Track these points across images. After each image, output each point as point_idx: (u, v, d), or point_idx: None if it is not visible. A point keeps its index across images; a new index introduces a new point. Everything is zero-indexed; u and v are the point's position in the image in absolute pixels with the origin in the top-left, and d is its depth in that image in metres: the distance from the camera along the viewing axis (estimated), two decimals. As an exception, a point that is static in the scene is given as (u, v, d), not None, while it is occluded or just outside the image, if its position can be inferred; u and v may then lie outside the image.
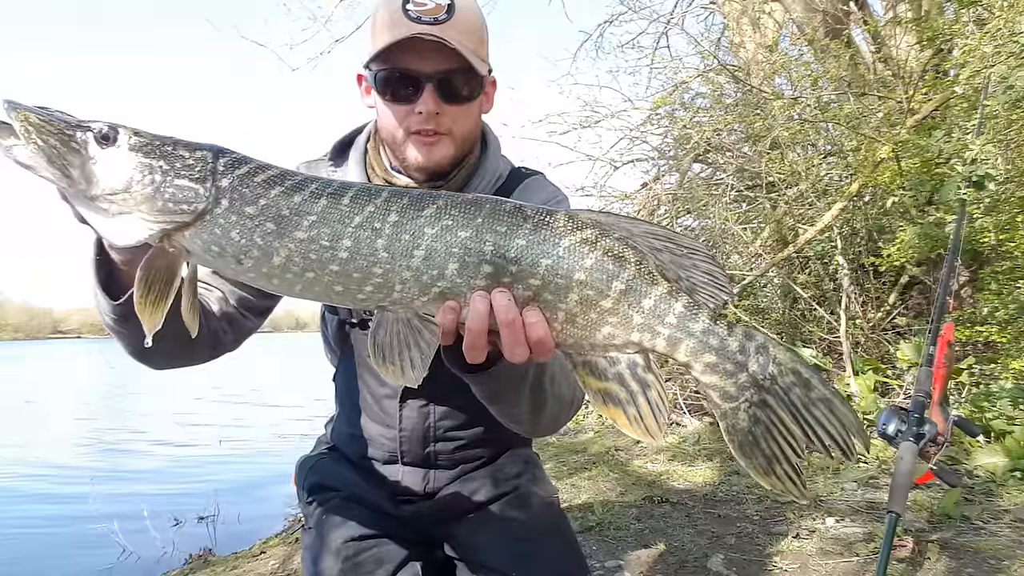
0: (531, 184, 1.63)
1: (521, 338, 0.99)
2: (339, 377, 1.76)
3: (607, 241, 1.00)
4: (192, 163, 0.98)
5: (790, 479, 1.01)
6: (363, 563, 1.48)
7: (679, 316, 1.00)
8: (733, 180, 6.53)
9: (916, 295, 5.91)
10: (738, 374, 1.00)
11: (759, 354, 1.00)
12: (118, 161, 0.96)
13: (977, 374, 4.75)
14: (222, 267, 1.03)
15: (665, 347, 1.01)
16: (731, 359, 1.00)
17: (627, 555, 3.01)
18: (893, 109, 5.38)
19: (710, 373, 1.01)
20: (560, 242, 0.99)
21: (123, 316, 1.21)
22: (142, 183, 0.96)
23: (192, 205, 0.97)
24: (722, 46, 7.94)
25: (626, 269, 1.00)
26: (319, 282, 1.01)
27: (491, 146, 1.61)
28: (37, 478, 7.18)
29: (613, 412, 1.01)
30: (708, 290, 1.02)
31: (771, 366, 1.00)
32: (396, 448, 1.62)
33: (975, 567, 2.64)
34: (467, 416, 1.62)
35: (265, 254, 0.99)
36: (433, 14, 1.35)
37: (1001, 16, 4.06)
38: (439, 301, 1.01)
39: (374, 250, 0.99)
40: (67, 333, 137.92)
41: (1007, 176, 4.21)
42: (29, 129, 0.93)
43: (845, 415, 0.99)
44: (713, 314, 1.01)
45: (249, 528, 4.89)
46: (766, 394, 1.00)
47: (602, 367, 1.02)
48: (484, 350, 1.03)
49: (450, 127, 1.43)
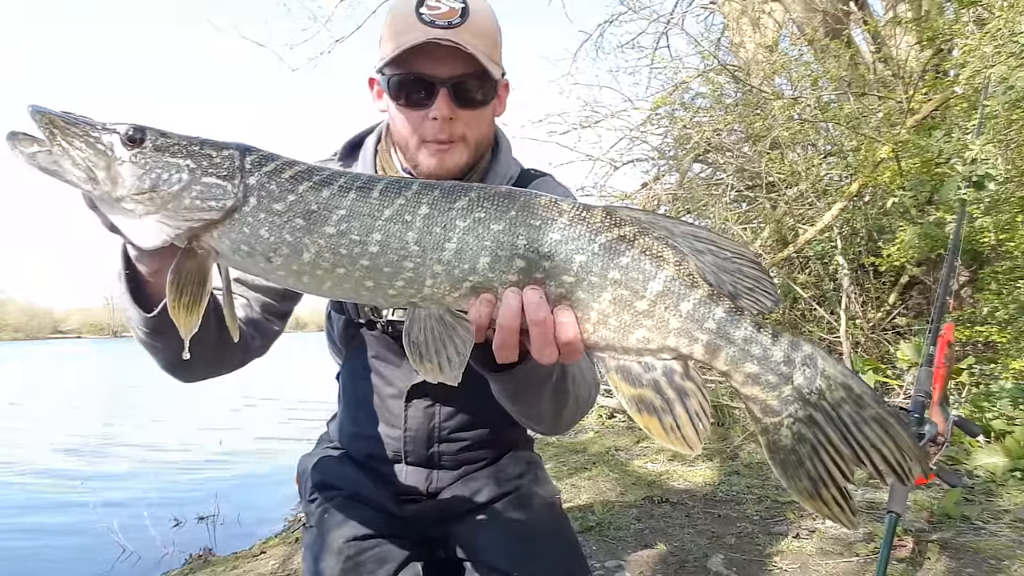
0: (540, 185, 1.63)
1: (551, 338, 0.97)
2: (343, 376, 1.76)
3: (646, 239, 0.96)
4: (219, 161, 0.97)
5: (837, 504, 0.93)
6: (364, 563, 1.47)
7: (719, 322, 0.94)
8: (733, 180, 6.53)
9: (916, 295, 5.92)
10: (782, 387, 0.94)
11: (806, 366, 0.94)
12: (145, 161, 0.95)
13: (977, 374, 4.75)
14: (251, 266, 1.01)
15: (703, 354, 0.95)
16: (774, 370, 0.94)
17: (627, 555, 3.01)
18: (893, 109, 5.38)
19: (751, 384, 0.95)
20: (596, 238, 0.95)
21: (156, 329, 1.20)
22: (169, 182, 0.95)
23: (220, 202, 0.96)
24: (722, 46, 7.95)
25: (664, 269, 0.95)
26: (349, 278, 0.99)
27: (503, 148, 1.61)
28: (37, 478, 7.18)
29: (648, 421, 0.96)
30: (752, 296, 0.97)
31: (819, 380, 0.93)
32: (400, 448, 1.62)
33: (975, 567, 2.64)
34: (472, 417, 1.63)
35: (295, 251, 0.97)
36: (447, 18, 1.33)
37: (1001, 16, 4.06)
38: (470, 296, 0.98)
39: (405, 243, 0.96)
40: (67, 333, 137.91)
41: (1007, 176, 4.21)
42: (54, 132, 0.93)
43: (901, 436, 0.91)
44: (757, 321, 0.95)
45: (249, 528, 4.89)
46: (813, 410, 0.93)
47: (636, 372, 0.97)
48: (515, 349, 1.00)
49: (464, 132, 1.42)
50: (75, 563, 4.50)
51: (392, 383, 1.61)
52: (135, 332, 1.26)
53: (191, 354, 1.02)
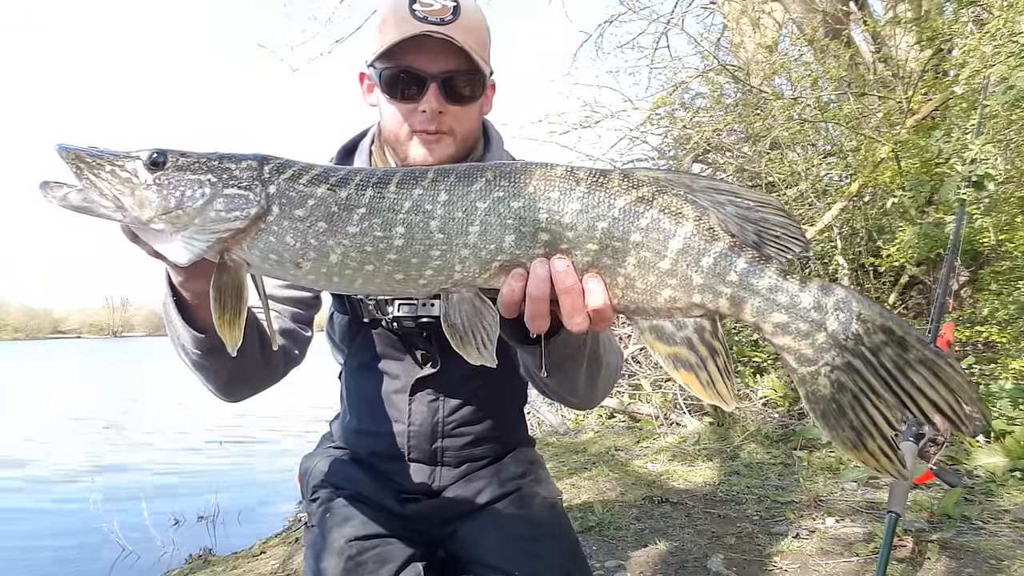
0: None
1: (580, 304, 0.98)
2: (346, 375, 1.76)
3: (664, 198, 0.95)
4: (238, 173, 1.01)
5: (884, 454, 0.89)
6: (366, 562, 1.48)
7: (741, 273, 0.92)
8: (733, 180, 6.53)
9: (916, 295, 5.91)
10: (814, 334, 0.91)
11: (839, 311, 0.90)
12: (168, 181, 0.98)
13: (977, 374, 4.75)
14: (282, 274, 1.03)
15: (729, 308, 0.94)
16: (804, 318, 0.91)
17: (627, 555, 3.01)
18: (893, 109, 5.38)
19: (781, 334, 0.92)
20: (615, 203, 0.95)
21: (208, 350, 1.25)
22: (193, 198, 0.98)
23: (244, 211, 0.99)
24: (722, 46, 7.95)
25: (683, 226, 0.94)
26: (379, 273, 1.00)
27: (494, 141, 1.62)
28: (36, 478, 7.18)
29: (686, 376, 0.96)
30: (779, 243, 0.94)
31: (855, 324, 0.89)
32: (404, 443, 1.63)
33: (975, 567, 2.64)
34: (476, 411, 1.64)
35: (321, 254, 0.99)
36: (440, 15, 1.37)
37: (1000, 16, 4.06)
38: (501, 275, 0.99)
39: (429, 233, 0.97)
40: (67, 333, 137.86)
41: (1007, 176, 4.22)
42: (81, 167, 0.97)
43: (953, 378, 0.85)
44: (782, 269, 0.93)
45: (249, 528, 4.89)
46: (851, 356, 0.90)
47: (669, 331, 0.97)
48: (547, 318, 1.01)
49: (452, 126, 1.45)
50: (75, 563, 4.51)
51: (396, 378, 1.62)
52: (187, 357, 1.31)
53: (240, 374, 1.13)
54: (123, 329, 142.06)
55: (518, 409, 1.84)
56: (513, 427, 1.79)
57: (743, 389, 5.59)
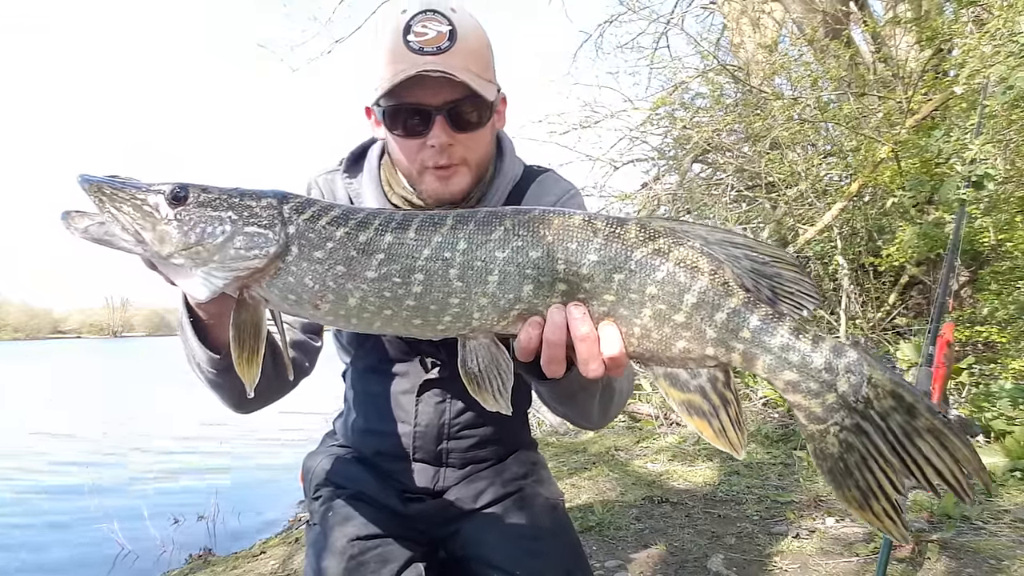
0: (545, 180, 1.64)
1: (596, 352, 0.99)
2: (352, 374, 1.77)
3: (680, 250, 0.97)
4: (259, 211, 1.01)
5: (889, 517, 0.91)
6: (367, 562, 1.48)
7: (754, 330, 0.94)
8: (733, 180, 6.54)
9: (916, 295, 5.92)
10: (825, 394, 0.92)
11: (851, 373, 0.91)
12: (189, 218, 0.99)
13: (977, 374, 4.75)
14: (301, 313, 1.04)
15: (742, 363, 0.96)
16: (815, 378, 0.92)
17: (627, 555, 3.01)
18: (893, 109, 5.39)
19: (792, 392, 0.94)
20: (632, 255, 0.97)
21: (223, 369, 1.26)
22: (213, 235, 0.99)
23: (263, 250, 0.99)
24: (722, 46, 7.95)
25: (698, 280, 0.96)
26: (397, 318, 1.01)
27: (506, 150, 1.62)
28: (37, 478, 7.18)
29: (700, 423, 0.98)
30: (793, 299, 0.96)
31: (865, 387, 0.91)
32: (409, 444, 1.63)
33: (975, 567, 2.64)
34: (481, 414, 1.64)
35: (340, 297, 1.00)
36: (435, 43, 1.32)
37: (1000, 16, 4.06)
38: (519, 322, 1.01)
39: (448, 280, 0.99)
40: (67, 333, 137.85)
41: (1006, 176, 4.22)
42: (103, 200, 0.97)
43: (959, 449, 0.87)
44: (796, 327, 0.94)
45: (249, 528, 4.90)
46: (860, 418, 0.92)
47: (683, 379, 0.99)
48: (563, 363, 1.03)
49: (464, 155, 1.42)
50: (75, 562, 4.51)
51: (404, 379, 1.63)
52: (202, 374, 1.32)
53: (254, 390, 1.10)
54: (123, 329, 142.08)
55: (522, 412, 1.84)
56: (517, 430, 1.79)
57: (743, 389, 5.59)
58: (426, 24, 1.32)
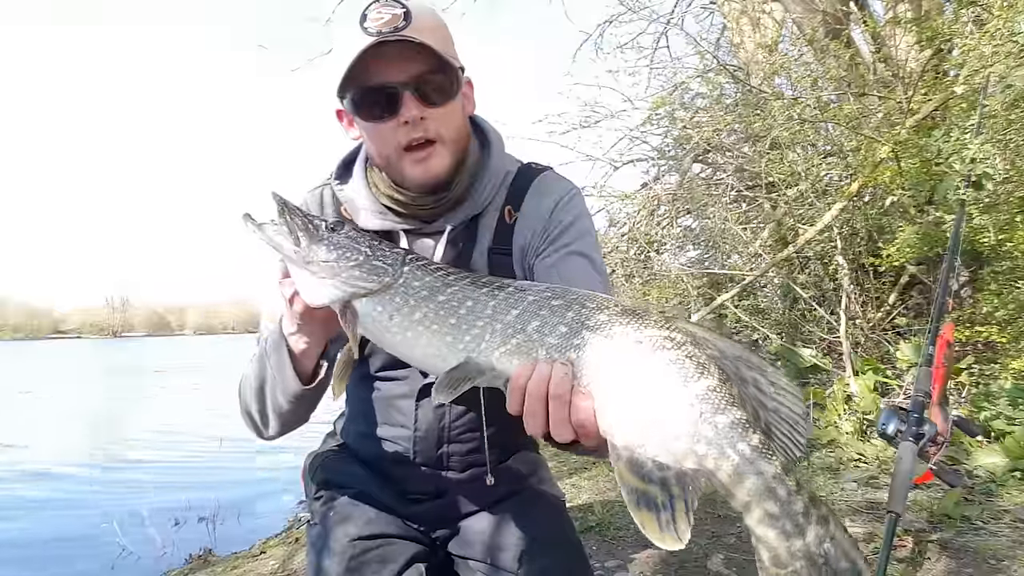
0: (545, 179, 1.62)
1: (566, 416, 1.01)
2: (352, 377, 1.76)
3: (694, 349, 0.98)
4: (387, 254, 1.25)
5: None
6: (368, 562, 1.48)
7: (754, 448, 0.93)
8: (733, 180, 6.54)
9: (916, 295, 5.91)
10: (794, 539, 0.92)
11: (820, 525, 0.93)
12: (339, 241, 1.24)
13: (977, 374, 4.75)
14: (372, 324, 1.22)
15: (729, 475, 0.93)
16: (792, 518, 0.92)
17: (627, 555, 3.01)
18: (893, 109, 5.38)
19: (767, 525, 0.93)
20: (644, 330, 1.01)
21: (300, 397, 1.42)
22: (349, 259, 1.22)
23: (381, 278, 1.22)
24: (722, 46, 7.95)
25: (707, 379, 0.96)
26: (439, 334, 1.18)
27: (493, 144, 1.59)
28: (37, 478, 7.18)
29: (645, 516, 0.95)
30: (783, 440, 0.97)
31: (827, 543, 0.93)
32: (409, 448, 1.63)
33: (975, 567, 2.64)
34: (482, 418, 1.63)
35: (412, 310, 1.20)
36: (391, 24, 1.33)
37: (1000, 16, 4.06)
38: (513, 355, 1.10)
39: (484, 307, 1.16)
40: (67, 333, 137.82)
41: (1006, 176, 4.21)
42: (284, 210, 1.23)
43: None
44: (786, 465, 0.94)
45: (249, 528, 4.90)
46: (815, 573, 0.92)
47: (648, 469, 0.97)
48: (544, 424, 1.04)
49: (438, 130, 1.41)
50: (75, 562, 4.51)
51: (403, 383, 1.62)
52: (273, 402, 1.46)
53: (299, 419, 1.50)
54: (123, 329, 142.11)
55: None
56: (518, 431, 1.78)
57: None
58: (380, 10, 1.35)
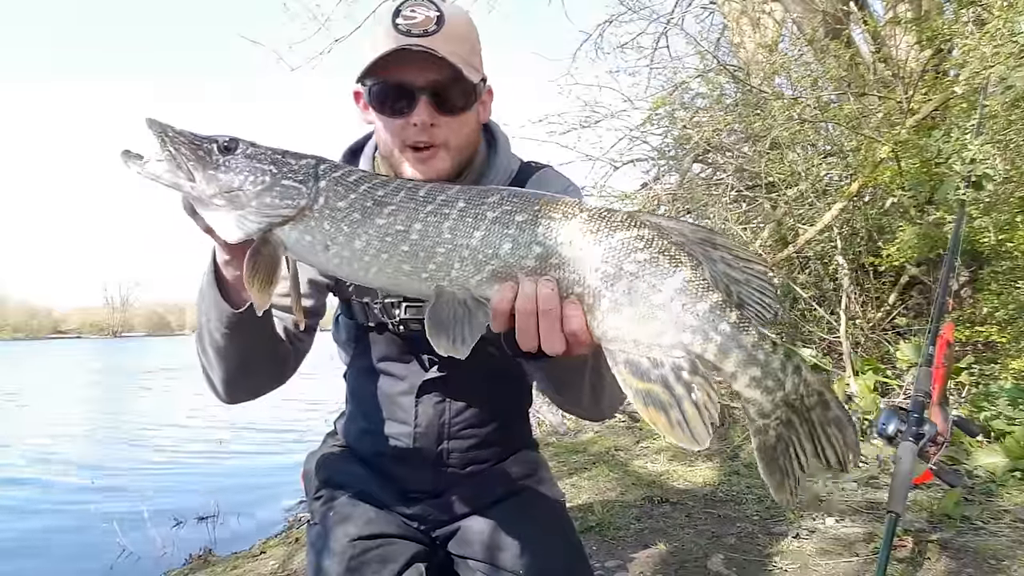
0: (542, 176, 1.64)
1: (557, 327, 1.02)
2: (352, 375, 1.77)
3: (664, 242, 1.03)
4: (297, 168, 1.12)
5: (791, 492, 1.08)
6: (368, 562, 1.48)
7: (732, 325, 1.01)
8: (733, 180, 6.53)
9: (916, 295, 5.91)
10: (776, 392, 1.03)
11: (795, 374, 1.03)
12: (236, 165, 1.10)
13: (977, 374, 4.75)
14: (309, 255, 1.12)
15: (715, 354, 1.01)
16: (773, 376, 1.02)
17: (627, 555, 3.01)
18: (893, 109, 5.38)
19: (753, 387, 1.03)
20: (614, 234, 1.03)
21: (234, 326, 1.29)
22: (254, 183, 1.09)
23: (295, 201, 1.09)
24: (722, 46, 7.95)
25: (681, 271, 1.02)
26: (391, 263, 1.09)
27: (500, 144, 1.62)
28: (36, 477, 7.18)
29: (654, 415, 1.01)
30: (755, 308, 1.04)
31: (802, 386, 1.04)
32: (409, 445, 1.64)
33: (975, 567, 2.64)
34: (481, 414, 1.64)
35: (349, 239, 1.09)
36: (423, 26, 1.35)
37: (1000, 16, 4.06)
38: (494, 282, 1.05)
39: (440, 231, 1.07)
40: (67, 333, 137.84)
41: (1006, 176, 4.21)
42: (165, 140, 1.08)
43: (850, 435, 1.06)
44: (761, 331, 1.03)
45: (249, 528, 4.90)
46: (792, 413, 1.04)
47: (644, 367, 1.02)
48: (535, 338, 1.04)
49: (445, 138, 1.43)
50: (75, 562, 4.51)
51: (403, 380, 1.63)
52: (208, 336, 1.34)
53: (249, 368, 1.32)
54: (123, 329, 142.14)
55: (523, 412, 1.84)
56: (518, 430, 1.80)
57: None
58: (415, 8, 1.37)
